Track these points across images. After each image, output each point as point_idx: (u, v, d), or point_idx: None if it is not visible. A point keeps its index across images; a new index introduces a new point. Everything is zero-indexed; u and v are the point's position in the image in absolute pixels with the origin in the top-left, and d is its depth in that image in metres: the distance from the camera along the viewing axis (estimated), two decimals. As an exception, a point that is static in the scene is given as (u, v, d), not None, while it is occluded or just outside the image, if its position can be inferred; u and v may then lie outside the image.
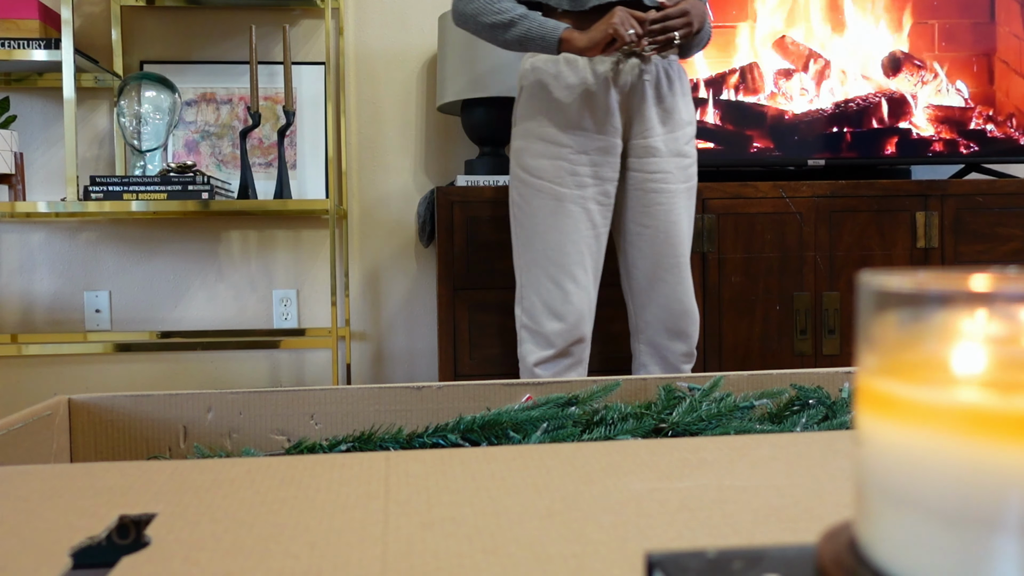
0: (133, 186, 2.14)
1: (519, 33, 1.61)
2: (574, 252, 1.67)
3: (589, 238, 1.69)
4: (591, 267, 1.70)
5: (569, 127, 1.67)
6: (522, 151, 1.71)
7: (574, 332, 1.67)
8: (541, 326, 1.68)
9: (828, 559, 0.27)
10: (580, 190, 1.67)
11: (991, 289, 0.24)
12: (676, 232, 1.72)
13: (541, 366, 1.68)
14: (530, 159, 1.69)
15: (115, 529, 0.44)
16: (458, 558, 0.38)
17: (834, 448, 0.56)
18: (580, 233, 1.68)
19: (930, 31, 2.30)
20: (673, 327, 1.74)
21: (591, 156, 1.67)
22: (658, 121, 1.70)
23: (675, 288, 1.72)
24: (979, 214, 2.18)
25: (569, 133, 1.67)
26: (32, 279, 2.44)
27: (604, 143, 1.68)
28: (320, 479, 0.50)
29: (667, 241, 1.72)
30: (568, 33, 1.59)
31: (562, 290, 1.67)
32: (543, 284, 1.68)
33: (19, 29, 2.16)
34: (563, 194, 1.67)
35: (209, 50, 2.47)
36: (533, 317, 1.70)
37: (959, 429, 0.23)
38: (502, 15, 1.62)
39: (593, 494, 0.46)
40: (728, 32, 2.27)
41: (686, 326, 1.74)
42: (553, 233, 1.67)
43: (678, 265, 1.72)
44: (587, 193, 1.68)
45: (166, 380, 2.47)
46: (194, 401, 0.93)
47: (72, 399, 0.90)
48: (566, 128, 1.67)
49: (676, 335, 1.74)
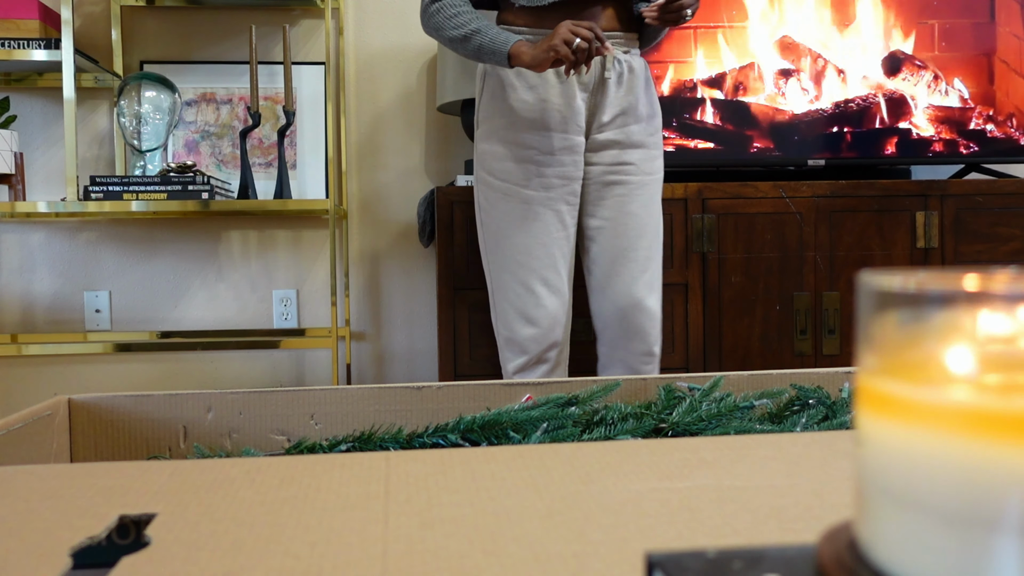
0: (133, 186, 2.14)
1: (474, 48, 1.58)
2: (544, 255, 1.63)
3: (560, 240, 1.64)
4: (564, 269, 1.65)
5: (533, 128, 1.62)
6: (486, 154, 1.67)
7: (548, 337, 1.62)
8: (514, 333, 1.64)
9: (828, 559, 0.27)
10: (547, 192, 1.63)
11: (991, 289, 0.24)
12: (635, 225, 1.65)
13: (520, 374, 1.63)
14: (495, 162, 1.65)
15: (115, 529, 0.44)
16: (458, 558, 0.38)
17: (834, 448, 0.56)
18: (550, 235, 1.63)
19: (930, 31, 2.30)
20: (628, 325, 1.66)
21: (557, 156, 1.63)
22: (619, 114, 1.65)
23: (630, 283, 1.65)
24: (979, 214, 2.18)
25: (533, 133, 1.62)
26: (32, 279, 2.44)
27: (569, 142, 1.63)
28: (320, 479, 0.50)
29: (624, 234, 1.65)
30: (517, 48, 1.54)
31: (533, 295, 1.62)
32: (513, 289, 1.64)
33: (19, 29, 2.16)
34: (531, 197, 1.63)
35: (209, 50, 2.47)
36: (507, 324, 1.65)
37: (959, 429, 0.23)
38: (459, 30, 1.59)
39: (593, 494, 0.46)
40: (728, 32, 2.27)
41: (641, 323, 1.66)
42: (521, 236, 1.63)
43: (636, 260, 1.65)
44: (555, 194, 1.63)
45: (166, 380, 2.47)
46: (194, 401, 0.93)
47: (72, 399, 0.90)
48: (530, 129, 1.62)
49: (632, 333, 1.66)
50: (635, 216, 1.66)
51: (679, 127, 2.26)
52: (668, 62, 2.25)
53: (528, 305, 1.63)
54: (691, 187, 2.12)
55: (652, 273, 1.67)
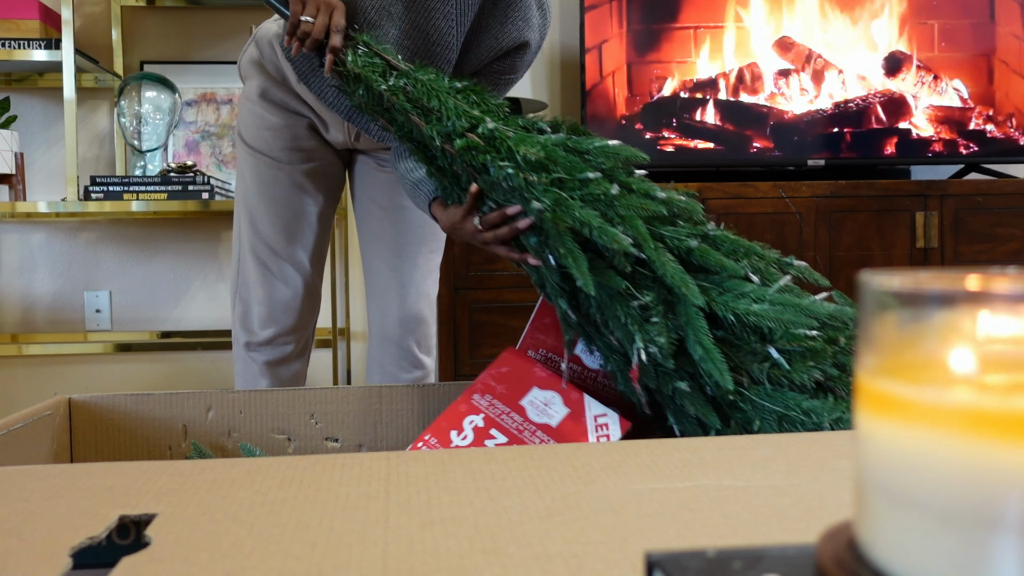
0: (133, 186, 2.14)
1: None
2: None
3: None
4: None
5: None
6: (242, 124, 1.36)
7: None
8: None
9: (828, 559, 0.27)
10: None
11: (991, 289, 0.24)
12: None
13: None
14: (250, 137, 1.34)
15: (115, 529, 0.44)
16: (458, 558, 0.38)
17: (834, 448, 0.56)
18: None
19: (930, 31, 2.30)
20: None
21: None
22: None
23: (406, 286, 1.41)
24: (979, 214, 2.18)
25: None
26: (32, 279, 2.44)
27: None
28: (320, 479, 0.50)
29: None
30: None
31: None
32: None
33: (19, 29, 2.16)
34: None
35: (209, 50, 2.47)
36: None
37: (959, 429, 0.23)
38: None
39: (593, 494, 0.46)
40: (728, 32, 2.27)
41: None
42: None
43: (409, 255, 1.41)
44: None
45: (166, 380, 2.47)
46: (194, 401, 0.93)
47: (72, 399, 0.90)
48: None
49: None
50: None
51: (679, 127, 2.26)
52: (669, 62, 2.25)
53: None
54: (691, 187, 2.12)
55: (424, 274, 1.44)
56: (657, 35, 2.25)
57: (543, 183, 0.88)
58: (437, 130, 0.94)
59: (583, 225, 0.85)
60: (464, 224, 1.00)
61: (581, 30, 2.23)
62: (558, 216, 0.86)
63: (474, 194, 0.96)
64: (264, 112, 1.31)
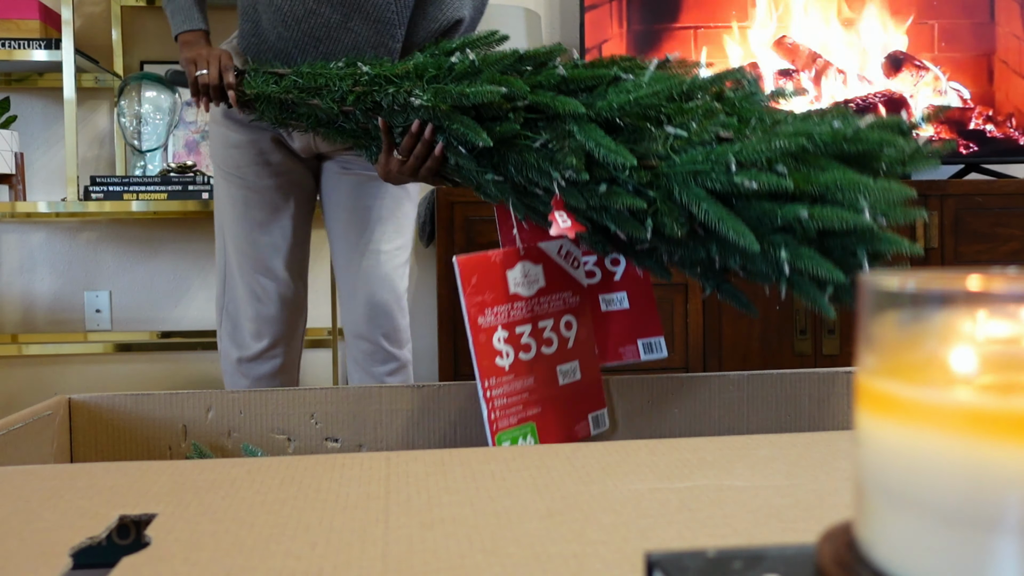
0: (133, 186, 2.14)
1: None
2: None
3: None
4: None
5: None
6: (211, 147, 1.41)
7: None
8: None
9: (828, 559, 0.27)
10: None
11: (991, 289, 0.24)
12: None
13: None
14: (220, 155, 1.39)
15: (115, 529, 0.44)
16: (458, 558, 0.38)
17: (834, 448, 0.56)
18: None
19: (930, 31, 2.30)
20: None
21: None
22: None
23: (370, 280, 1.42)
24: (979, 214, 2.18)
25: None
26: (32, 279, 2.44)
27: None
28: (321, 479, 0.50)
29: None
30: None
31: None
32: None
33: (19, 29, 2.16)
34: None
35: (209, 50, 2.47)
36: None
37: (959, 429, 0.23)
38: None
39: (593, 494, 0.46)
40: (728, 32, 2.27)
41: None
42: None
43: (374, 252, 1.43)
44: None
45: (166, 380, 2.47)
46: (194, 401, 0.93)
47: (72, 399, 0.90)
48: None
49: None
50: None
51: (679, 127, 2.26)
52: (668, 62, 2.25)
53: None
54: (691, 187, 2.12)
55: (387, 268, 1.47)
56: (657, 35, 2.25)
57: (420, 86, 0.99)
58: (331, 98, 1.05)
59: (461, 96, 0.94)
60: (390, 163, 1.08)
61: (581, 30, 2.23)
62: (438, 100, 0.95)
63: (384, 129, 1.04)
64: (228, 131, 1.36)
